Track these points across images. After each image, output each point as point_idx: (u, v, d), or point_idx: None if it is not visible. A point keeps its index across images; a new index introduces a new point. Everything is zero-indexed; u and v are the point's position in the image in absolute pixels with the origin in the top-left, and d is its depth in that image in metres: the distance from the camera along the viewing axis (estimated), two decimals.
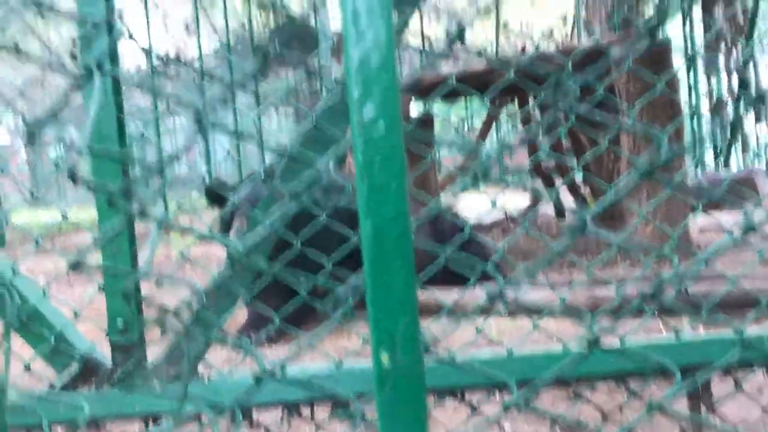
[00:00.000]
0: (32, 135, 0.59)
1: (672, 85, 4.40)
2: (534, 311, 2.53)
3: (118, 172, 1.63)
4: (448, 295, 2.35)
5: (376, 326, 0.40)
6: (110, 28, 0.70)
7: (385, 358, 0.39)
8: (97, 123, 1.67)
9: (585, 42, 6.91)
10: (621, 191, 0.73)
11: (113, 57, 1.69)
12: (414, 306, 0.40)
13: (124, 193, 0.60)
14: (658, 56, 4.38)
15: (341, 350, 2.94)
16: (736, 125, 11.30)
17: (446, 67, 5.26)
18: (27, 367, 1.71)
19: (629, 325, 2.06)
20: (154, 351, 1.91)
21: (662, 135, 0.76)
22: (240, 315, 4.12)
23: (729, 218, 4.73)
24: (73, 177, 0.59)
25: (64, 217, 1.68)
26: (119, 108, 1.70)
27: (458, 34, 0.58)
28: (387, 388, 0.40)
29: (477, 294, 3.25)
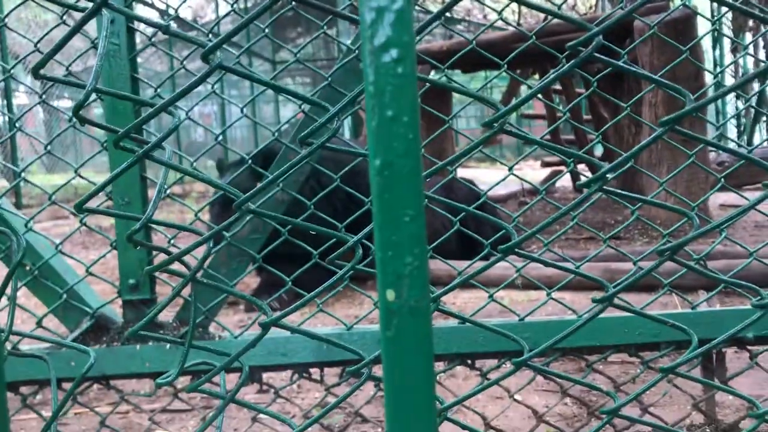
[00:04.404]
0: (36, 71, 0.57)
1: (697, 57, 4.30)
2: (549, 283, 2.51)
3: (130, 119, 1.61)
4: (460, 265, 2.34)
5: (382, 264, 0.39)
6: None
7: (391, 295, 0.38)
8: (108, 67, 1.65)
9: (609, 12, 6.78)
10: (634, 152, 0.70)
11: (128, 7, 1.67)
12: (423, 245, 0.38)
13: (132, 132, 0.58)
14: (682, 26, 4.28)
15: (353, 318, 2.94)
16: (762, 103, 11.08)
17: (465, 34, 5.19)
18: (39, 323, 1.71)
19: (646, 298, 2.04)
20: (166, 309, 1.92)
21: (686, 93, 0.72)
22: (252, 282, 4.14)
23: (751, 195, 4.65)
24: (78, 117, 0.57)
25: (79, 175, 1.66)
26: (133, 62, 1.68)
27: None
28: (392, 326, 0.38)
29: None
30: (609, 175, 0.62)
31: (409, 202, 0.38)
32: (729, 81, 11.91)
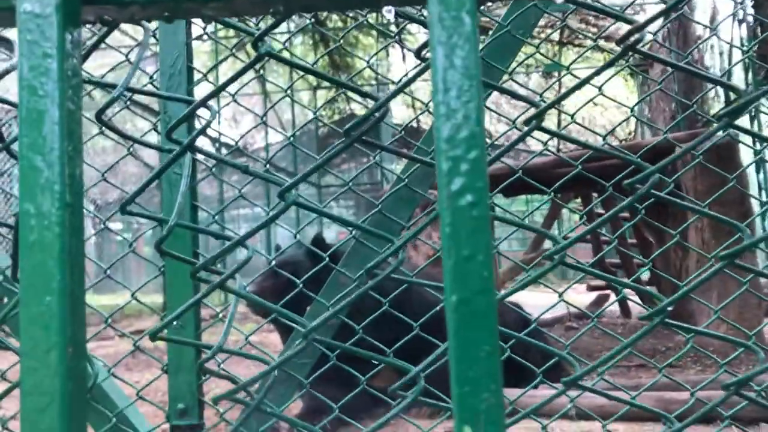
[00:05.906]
0: (123, 209, 0.62)
1: (741, 181, 4.31)
2: (601, 413, 2.42)
3: (189, 251, 1.67)
4: (511, 394, 2.28)
5: (460, 402, 0.39)
6: (192, 112, 0.74)
7: (468, 431, 0.38)
8: (170, 193, 1.74)
9: (649, 139, 6.89)
10: (695, 285, 0.71)
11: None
12: (498, 381, 0.39)
13: (204, 267, 0.62)
14: (725, 152, 4.31)
15: None
16: None
17: (508, 161, 5.29)
18: None
19: (703, 431, 1.95)
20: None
21: (744, 228, 0.74)
22: (293, 407, 4.05)
23: None
24: (160, 250, 0.61)
25: (135, 298, 1.72)
26: (193, 190, 1.77)
27: (535, 119, 0.59)
28: None
29: (542, 393, 3.13)
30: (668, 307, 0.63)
31: (486, 338, 0.39)
32: None
